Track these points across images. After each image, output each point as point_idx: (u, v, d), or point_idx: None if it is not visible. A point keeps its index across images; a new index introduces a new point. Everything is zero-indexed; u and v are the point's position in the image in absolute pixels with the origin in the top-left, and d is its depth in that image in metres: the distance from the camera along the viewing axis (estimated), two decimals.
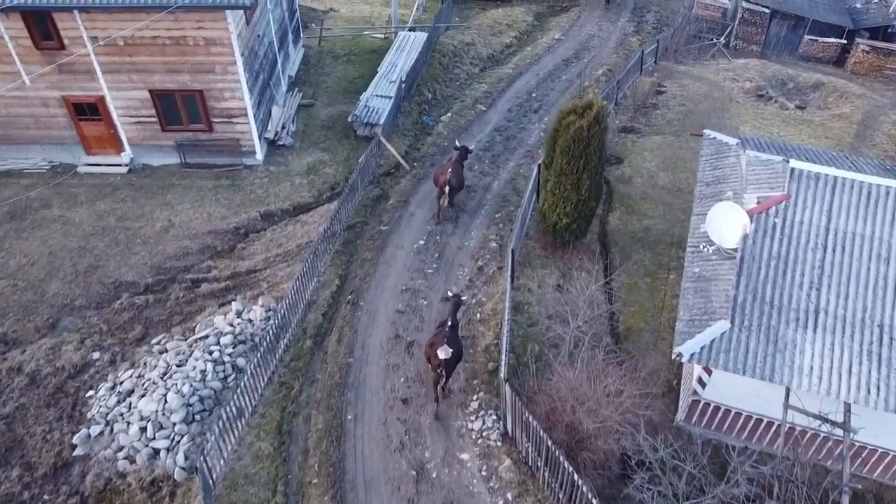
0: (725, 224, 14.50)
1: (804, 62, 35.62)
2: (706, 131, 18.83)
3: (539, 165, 20.60)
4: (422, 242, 20.27)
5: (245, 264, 19.86)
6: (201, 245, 20.46)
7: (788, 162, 14.64)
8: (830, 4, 37.09)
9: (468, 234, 20.71)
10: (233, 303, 18.22)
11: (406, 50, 27.82)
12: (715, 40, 35.48)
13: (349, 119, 24.38)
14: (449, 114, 26.76)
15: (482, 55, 31.80)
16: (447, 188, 20.32)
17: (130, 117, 22.23)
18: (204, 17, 19.91)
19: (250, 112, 22.09)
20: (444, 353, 14.52)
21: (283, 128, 24.30)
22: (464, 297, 17.31)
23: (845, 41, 35.47)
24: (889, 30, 36.27)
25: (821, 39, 35.59)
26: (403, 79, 25.45)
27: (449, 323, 15.29)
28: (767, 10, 35.65)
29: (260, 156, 23.21)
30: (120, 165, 23.01)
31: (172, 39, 20.44)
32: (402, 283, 18.83)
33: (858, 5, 37.98)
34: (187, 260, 20.06)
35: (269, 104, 24.24)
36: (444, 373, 14.91)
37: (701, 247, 14.95)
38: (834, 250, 13.91)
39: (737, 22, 36.31)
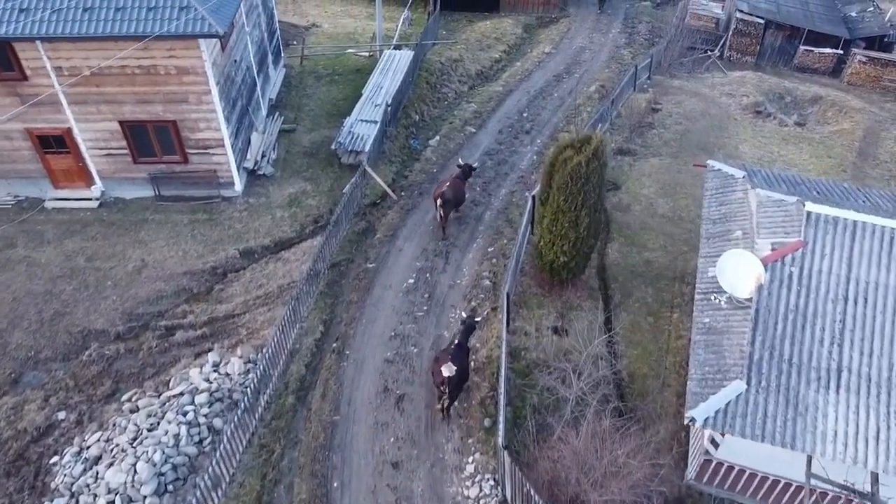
0: (738, 273, 13.48)
1: (799, 73, 34.78)
2: (710, 162, 17.84)
3: (534, 197, 19.58)
4: (411, 281, 19.14)
5: (223, 308, 18.64)
6: (176, 287, 19.23)
7: (804, 205, 13.61)
8: (826, 14, 36.29)
9: (460, 270, 19.60)
10: (209, 353, 17.03)
11: (392, 70, 26.67)
12: (709, 53, 34.55)
13: (333, 146, 23.20)
14: (437, 137, 25.63)
15: (470, 72, 30.70)
16: (439, 201, 19.65)
17: (100, 150, 20.96)
18: (175, 46, 18.69)
19: (227, 142, 20.87)
20: (447, 370, 14.31)
21: (263, 156, 23.10)
22: (478, 318, 16.92)
23: (841, 51, 34.63)
24: (885, 39, 35.47)
25: (816, 50, 34.72)
26: (389, 102, 24.30)
27: (456, 341, 15.25)
28: (762, 21, 34.75)
29: (239, 187, 22.00)
30: (90, 199, 21.72)
31: (142, 69, 19.20)
32: (391, 328, 17.69)
33: (853, 14, 37.18)
34: (161, 304, 18.82)
35: (248, 131, 23.03)
36: (446, 391, 14.57)
37: (713, 298, 13.91)
38: (856, 302, 12.90)
39: (731, 33, 35.40)
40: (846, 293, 12.98)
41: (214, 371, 16.45)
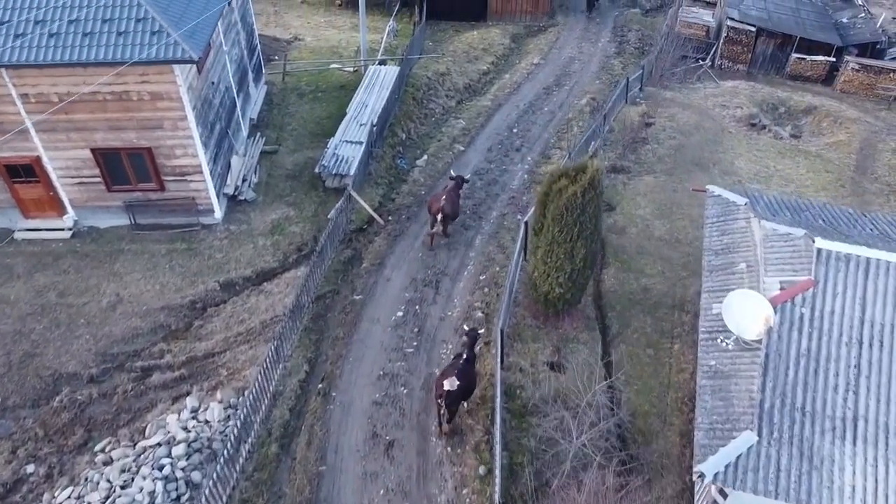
0: (745, 313, 12.77)
1: (792, 81, 34.25)
2: (710, 188, 17.13)
3: (526, 223, 18.83)
4: (399, 314, 18.30)
5: (202, 346, 17.73)
6: (153, 324, 18.30)
7: (813, 240, 12.90)
8: (817, 20, 35.75)
9: (451, 301, 18.79)
10: (188, 398, 16.13)
11: (377, 87, 25.82)
12: (701, 62, 33.93)
13: (317, 170, 22.29)
14: (425, 156, 24.79)
15: (458, 86, 29.90)
16: (440, 216, 19.46)
17: (71, 178, 19.99)
18: (148, 71, 17.76)
19: (206, 168, 19.96)
20: (449, 384, 14.06)
21: (244, 180, 22.17)
22: (480, 331, 16.56)
23: (834, 59, 34.11)
24: (877, 46, 34.99)
25: (809, 58, 34.18)
26: (375, 122, 23.44)
27: (464, 356, 14.94)
28: (753, 29, 34.20)
29: (219, 214, 21.07)
30: (62, 230, 20.72)
31: (114, 95, 18.27)
32: (379, 367, 16.85)
33: (845, 20, 36.68)
34: (137, 343, 17.90)
35: (227, 155, 22.11)
36: (444, 404, 14.27)
37: (719, 341, 13.17)
38: (871, 345, 12.20)
39: (722, 41, 34.82)
40: (860, 336, 12.28)
41: (193, 418, 15.55)
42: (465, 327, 16.31)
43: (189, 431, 15.18)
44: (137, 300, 18.82)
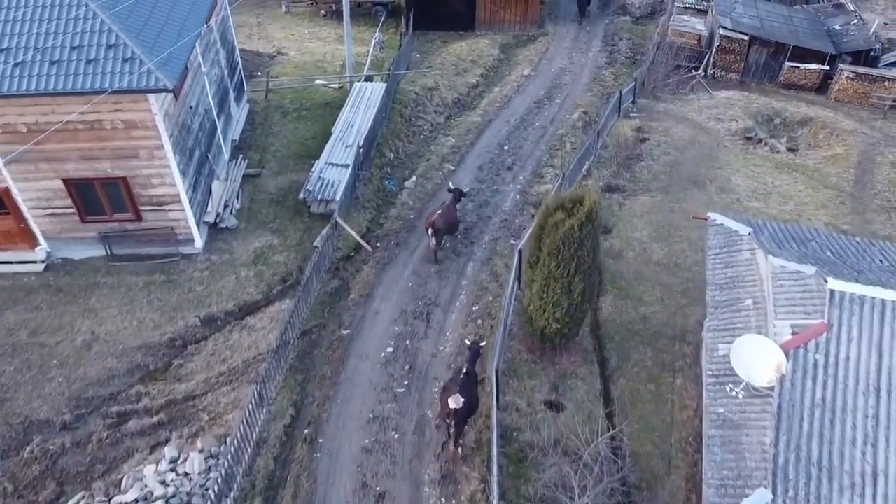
0: (755, 359, 12.05)
1: (785, 90, 33.63)
2: (711, 216, 16.42)
3: (520, 252, 18.08)
4: (389, 350, 17.50)
5: (182, 388, 16.85)
6: (130, 364, 17.41)
7: (826, 280, 12.20)
8: (810, 28, 35.23)
9: (442, 335, 18.01)
10: (166, 447, 15.25)
11: (363, 105, 25.00)
12: (694, 72, 33.30)
13: (301, 196, 21.44)
14: (414, 177, 23.97)
15: (447, 100, 29.12)
16: (431, 230, 19.28)
17: (42, 209, 19.05)
18: (121, 99, 16.84)
19: (185, 197, 19.07)
20: (454, 402, 13.73)
21: (225, 206, 21.30)
22: (482, 343, 16.28)
23: (828, 67, 33.56)
24: (871, 53, 34.48)
25: (802, 66, 33.59)
26: (361, 143, 22.61)
27: (465, 370, 14.74)
28: (746, 37, 33.58)
29: (199, 243, 20.19)
30: (35, 262, 19.79)
31: (86, 124, 17.34)
32: (369, 409, 16.03)
33: (837, 27, 36.15)
34: (113, 385, 17.00)
35: (208, 180, 21.23)
36: (453, 424, 14.05)
37: (728, 389, 12.44)
38: (889, 394, 11.50)
39: (714, 50, 34.18)
40: (878, 384, 11.57)
41: (172, 470, 14.68)
42: (467, 341, 15.97)
43: (168, 486, 14.33)
44: (114, 338, 17.91)
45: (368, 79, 27.76)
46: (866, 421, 11.37)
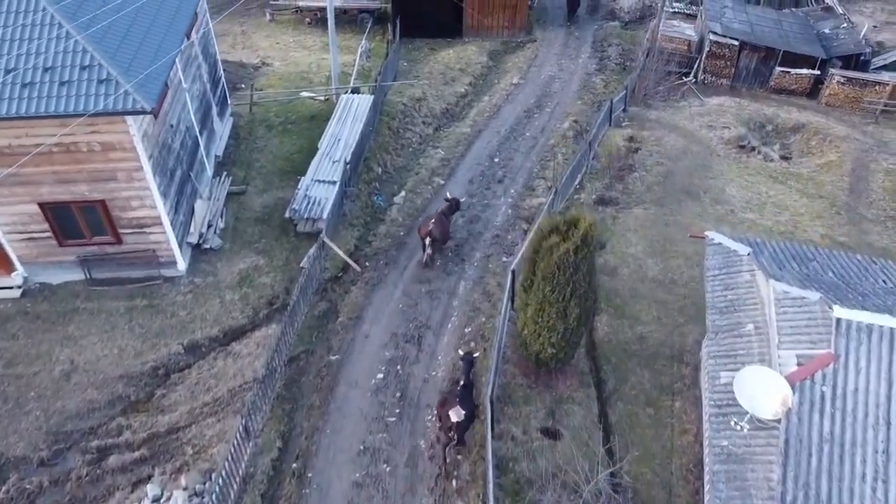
0: (759, 392, 11.66)
1: (776, 95, 33.36)
2: (709, 234, 16.01)
3: (513, 272, 17.61)
4: (380, 376, 16.96)
5: (165, 420, 16.24)
6: (111, 395, 16.79)
7: (831, 308, 11.78)
8: (800, 33, 34.97)
9: (434, 359, 17.49)
10: (149, 484, 14.66)
11: (350, 118, 24.44)
12: (684, 78, 32.94)
13: (287, 214, 20.86)
14: (403, 192, 23.44)
15: (435, 111, 28.59)
16: (427, 240, 19.32)
17: (18, 234, 18.38)
18: (97, 121, 16.22)
19: (166, 219, 18.45)
20: (455, 415, 13.97)
21: (209, 226, 20.68)
22: (476, 354, 16.05)
23: (818, 72, 33.31)
24: (861, 57, 34.26)
25: (793, 71, 33.33)
26: (348, 159, 22.05)
27: (462, 382, 14.89)
28: (736, 43, 33.26)
29: (182, 266, 19.57)
30: (11, 288, 19.12)
31: (61, 146, 16.69)
32: (359, 440, 15.49)
33: (827, 31, 35.93)
34: (93, 418, 16.37)
35: (191, 200, 20.60)
36: (455, 436, 14.35)
37: (733, 423, 12.00)
38: None
39: (704, 55, 33.84)
40: (888, 416, 11.17)
41: None
42: (461, 352, 16.09)
43: None
44: (94, 368, 17.28)
45: (355, 90, 27.21)
46: (876, 455, 10.96)
